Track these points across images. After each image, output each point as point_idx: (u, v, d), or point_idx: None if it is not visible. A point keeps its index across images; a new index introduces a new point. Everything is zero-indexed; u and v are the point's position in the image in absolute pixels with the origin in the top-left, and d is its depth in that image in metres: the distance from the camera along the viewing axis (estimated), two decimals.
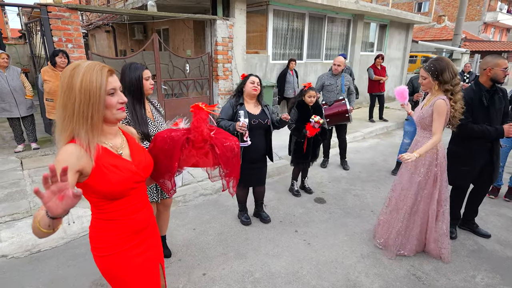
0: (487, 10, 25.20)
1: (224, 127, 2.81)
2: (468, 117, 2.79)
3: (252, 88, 2.90)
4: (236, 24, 6.38)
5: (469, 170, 2.96)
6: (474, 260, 2.85)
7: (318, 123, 3.50)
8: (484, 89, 2.81)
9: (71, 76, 1.11)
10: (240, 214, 3.39)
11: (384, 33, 10.30)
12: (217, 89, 6.56)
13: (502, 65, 2.69)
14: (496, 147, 2.91)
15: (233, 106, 2.94)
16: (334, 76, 4.74)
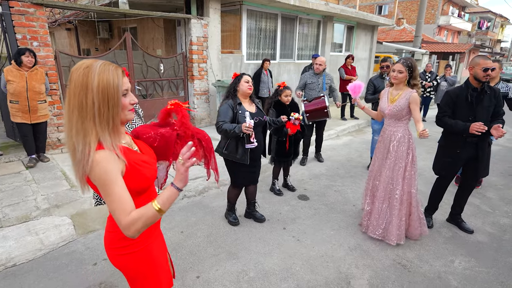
0: (441, 14, 27.00)
1: (228, 130, 2.75)
2: (446, 111, 3.04)
3: (248, 87, 2.89)
4: (210, 24, 6.32)
5: (452, 162, 3.15)
6: (451, 246, 3.05)
7: (298, 119, 3.59)
8: (471, 87, 2.96)
9: (85, 76, 1.08)
10: (228, 214, 3.36)
11: (352, 35, 10.69)
12: (193, 89, 6.46)
13: (481, 65, 2.84)
14: (482, 143, 3.01)
15: (232, 107, 2.86)
16: (316, 75, 4.91)
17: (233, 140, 2.93)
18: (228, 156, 2.99)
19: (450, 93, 3.05)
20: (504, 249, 3.03)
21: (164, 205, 1.13)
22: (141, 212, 1.10)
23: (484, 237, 3.22)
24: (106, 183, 1.08)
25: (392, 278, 2.59)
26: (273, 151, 3.91)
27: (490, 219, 3.59)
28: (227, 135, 2.83)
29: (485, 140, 3.00)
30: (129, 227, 1.09)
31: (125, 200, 1.10)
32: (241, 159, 2.94)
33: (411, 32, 21.51)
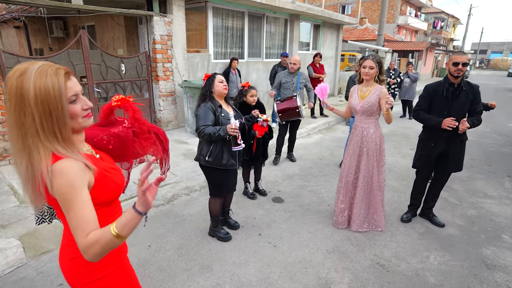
0: (400, 14, 28.24)
1: (212, 133, 2.54)
2: (421, 105, 3.10)
3: (223, 87, 2.70)
4: (174, 21, 6.03)
5: (426, 155, 3.20)
6: (425, 242, 3.07)
7: (266, 121, 3.44)
8: (448, 82, 2.98)
9: (19, 87, 0.91)
10: (216, 231, 3.05)
11: (318, 33, 10.79)
12: (158, 90, 6.14)
13: (452, 60, 2.90)
14: (454, 139, 3.03)
15: (213, 110, 2.63)
16: (291, 74, 4.83)
17: (218, 145, 2.69)
18: (212, 164, 2.72)
19: (428, 88, 3.12)
20: (474, 241, 3.10)
21: (123, 230, 0.97)
22: (98, 236, 0.96)
23: (454, 230, 3.28)
24: (69, 197, 0.95)
25: (371, 280, 2.53)
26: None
27: (458, 211, 3.68)
28: (211, 139, 2.60)
29: (457, 135, 3.02)
30: (86, 250, 0.95)
31: (87, 218, 0.97)
32: (227, 164, 2.74)
33: (373, 31, 22.28)
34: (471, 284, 2.50)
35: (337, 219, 3.26)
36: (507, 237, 3.17)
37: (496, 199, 4.04)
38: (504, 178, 4.72)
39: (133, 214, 0.99)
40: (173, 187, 3.99)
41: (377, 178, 3.05)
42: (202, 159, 2.74)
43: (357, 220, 3.12)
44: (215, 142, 2.67)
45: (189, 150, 5.27)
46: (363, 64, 2.92)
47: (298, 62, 4.82)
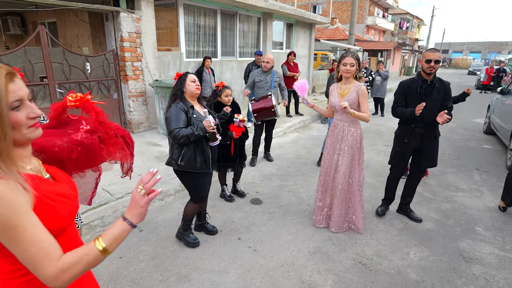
0: (368, 14, 29.07)
1: (190, 134, 2.38)
2: (398, 101, 3.12)
3: (195, 87, 2.53)
4: (143, 18, 5.76)
5: (400, 151, 3.23)
6: (404, 238, 3.08)
7: (243, 121, 3.37)
8: (421, 78, 3.02)
9: None
10: (184, 235, 2.88)
11: (291, 32, 10.81)
12: (127, 90, 5.84)
13: (425, 57, 2.93)
14: (428, 134, 3.07)
15: (185, 110, 2.47)
16: (264, 73, 4.74)
17: (190, 148, 2.52)
18: (185, 168, 2.55)
19: (403, 84, 3.15)
20: (450, 235, 3.15)
21: (111, 245, 0.89)
22: (78, 256, 0.85)
23: (431, 225, 3.33)
24: (13, 224, 0.78)
25: (355, 280, 2.49)
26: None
27: (433, 206, 3.75)
28: (189, 140, 2.43)
29: (430, 131, 3.07)
30: (59, 275, 0.81)
31: (48, 241, 0.82)
32: (201, 167, 2.57)
33: (344, 30, 22.76)
34: (451, 279, 2.52)
35: (316, 218, 3.21)
36: (480, 229, 3.25)
37: (467, 192, 4.16)
38: (472, 171, 4.90)
39: (124, 226, 0.93)
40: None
41: (357, 178, 3.01)
42: (174, 163, 2.57)
43: (337, 222, 3.07)
44: (187, 145, 2.51)
45: (162, 153, 5.05)
46: (343, 62, 2.86)
47: (272, 61, 4.74)
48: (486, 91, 16.67)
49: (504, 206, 3.60)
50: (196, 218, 3.09)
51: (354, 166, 2.98)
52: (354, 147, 2.95)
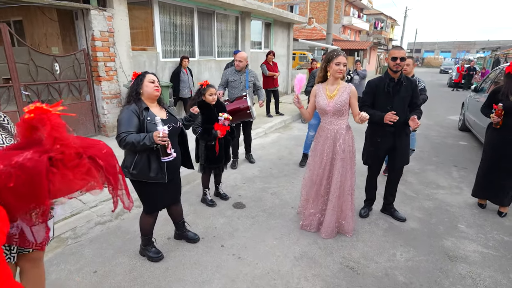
0: (344, 14, 29.56)
1: (135, 142, 2.13)
2: (365, 100, 3.08)
3: (154, 88, 2.31)
4: (116, 16, 5.50)
5: (374, 151, 3.21)
6: (390, 238, 3.05)
7: (228, 120, 3.28)
8: (388, 77, 3.01)
9: None
10: (146, 249, 2.66)
11: (270, 32, 10.74)
12: (100, 92, 5.56)
13: (391, 55, 2.94)
14: (400, 133, 3.08)
15: (137, 114, 2.25)
16: (238, 72, 4.57)
17: (143, 155, 2.30)
18: (138, 177, 2.33)
19: (371, 83, 3.12)
20: (435, 233, 3.15)
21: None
22: None
23: (415, 224, 3.32)
24: None
25: (343, 285, 2.41)
26: (202, 158, 3.46)
27: (416, 204, 3.76)
28: (135, 148, 2.19)
29: (402, 129, 3.08)
30: None
31: None
32: (156, 177, 2.34)
33: (321, 30, 23.02)
34: (438, 279, 2.50)
35: (305, 222, 3.09)
36: (463, 227, 3.27)
37: (447, 189, 4.22)
38: (451, 168, 4.99)
39: None
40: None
41: (349, 182, 2.91)
42: (126, 171, 2.33)
43: (329, 228, 2.96)
44: (139, 153, 2.28)
45: None
46: (335, 61, 2.68)
47: (245, 59, 4.54)
48: (458, 89, 17.30)
49: (483, 203, 3.66)
50: (175, 228, 2.91)
51: (346, 171, 2.87)
52: (346, 150, 2.83)
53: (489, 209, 3.61)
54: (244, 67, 4.57)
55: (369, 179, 3.45)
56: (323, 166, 2.89)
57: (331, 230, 2.97)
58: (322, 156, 2.89)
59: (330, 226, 2.95)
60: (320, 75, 2.88)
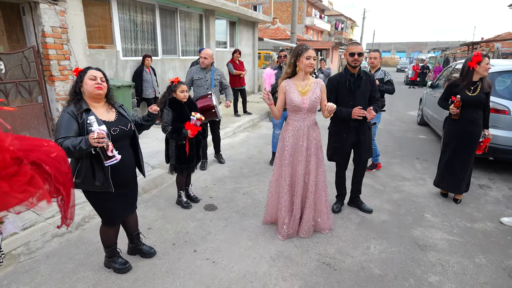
0: (306, 15, 30.20)
1: (71, 147, 1.85)
2: (329, 98, 3.00)
3: (95, 86, 2.03)
4: (69, 11, 5.11)
5: (340, 147, 3.24)
6: (363, 232, 3.08)
7: (200, 120, 3.15)
8: (348, 73, 3.06)
9: None
10: (111, 261, 2.44)
11: (234, 30, 10.64)
12: (54, 93, 5.13)
13: (348, 51, 3.03)
14: (363, 127, 3.15)
15: (75, 116, 1.99)
16: (203, 70, 4.41)
17: (86, 161, 2.04)
18: (84, 187, 2.08)
19: (332, 80, 3.15)
20: (404, 224, 3.24)
21: None
22: None
23: (385, 216, 3.40)
24: None
25: (321, 282, 2.38)
26: (173, 158, 3.29)
27: (385, 197, 3.86)
28: (73, 155, 1.91)
29: (365, 124, 3.14)
30: None
31: None
32: (103, 186, 2.07)
33: (285, 30, 23.30)
34: (411, 269, 2.55)
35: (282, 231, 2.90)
36: (429, 216, 3.40)
37: (412, 180, 4.38)
38: (414, 161, 5.21)
39: None
40: (82, 207, 3.29)
41: (322, 178, 2.90)
42: None
43: (306, 227, 2.91)
44: (82, 158, 2.04)
45: None
46: (306, 55, 2.59)
47: (210, 56, 4.39)
48: (414, 86, 18.33)
49: (445, 193, 3.84)
50: (129, 241, 2.62)
51: (319, 166, 2.86)
52: (317, 146, 2.82)
53: (451, 198, 3.79)
54: (209, 65, 4.43)
55: (338, 174, 3.48)
56: (300, 165, 2.79)
57: (309, 228, 2.92)
58: (296, 155, 2.80)
59: (308, 225, 2.90)
60: (288, 70, 2.75)
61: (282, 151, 2.86)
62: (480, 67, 3.27)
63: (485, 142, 3.48)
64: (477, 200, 3.79)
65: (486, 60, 3.26)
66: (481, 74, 3.31)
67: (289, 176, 2.84)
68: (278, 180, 2.93)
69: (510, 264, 2.64)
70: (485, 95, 3.36)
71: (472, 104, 3.34)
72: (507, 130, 4.32)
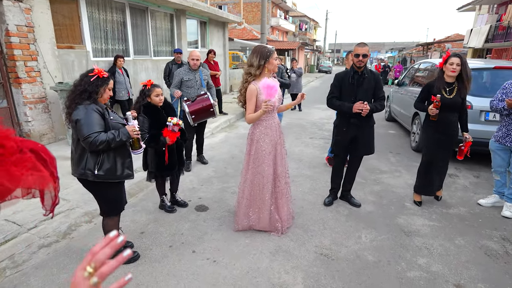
0: (271, 16, 30.57)
1: (110, 140, 2.07)
2: (333, 92, 3.25)
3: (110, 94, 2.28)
4: (35, 9, 4.81)
5: (341, 140, 3.39)
6: (352, 223, 3.24)
7: (178, 125, 2.95)
8: (352, 71, 3.20)
9: None
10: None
11: (205, 30, 10.56)
12: (21, 96, 4.81)
13: (355, 51, 3.14)
14: (363, 124, 3.24)
15: (101, 112, 2.13)
16: (192, 71, 4.39)
17: (109, 153, 2.22)
18: (105, 178, 2.22)
19: (338, 76, 3.31)
20: (388, 213, 3.44)
21: None
22: None
23: (371, 207, 3.59)
24: None
25: (322, 272, 2.48)
26: (152, 165, 3.19)
27: (367, 189, 4.07)
28: (109, 146, 2.12)
29: (366, 121, 3.27)
30: None
31: None
32: (122, 175, 2.31)
33: (251, 31, 23.45)
34: (401, 253, 2.73)
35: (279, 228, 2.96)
36: (409, 205, 3.64)
37: (389, 173, 4.65)
38: (388, 155, 5.52)
39: None
40: (67, 215, 3.14)
41: (284, 169, 2.97)
42: (89, 174, 2.17)
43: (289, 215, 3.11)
44: (104, 151, 2.19)
45: None
46: (274, 57, 2.68)
47: (200, 58, 4.45)
48: None
49: (420, 200, 3.64)
50: None
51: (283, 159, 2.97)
52: (283, 139, 2.99)
53: None
54: (199, 66, 4.44)
55: (335, 168, 3.59)
56: (278, 162, 2.89)
57: (289, 217, 3.10)
58: (272, 151, 2.83)
59: (289, 213, 3.10)
60: (257, 73, 2.70)
61: (258, 152, 2.81)
62: (445, 67, 3.20)
63: (466, 145, 3.34)
64: (448, 188, 4.11)
65: (451, 60, 3.13)
66: (447, 75, 3.21)
67: (272, 174, 2.85)
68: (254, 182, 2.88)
69: (485, 243, 2.92)
70: (460, 99, 3.23)
71: (448, 106, 3.21)
72: (470, 123, 4.72)
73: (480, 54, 17.79)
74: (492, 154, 3.54)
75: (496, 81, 5.13)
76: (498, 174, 3.54)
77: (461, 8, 19.44)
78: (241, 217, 2.99)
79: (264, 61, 2.68)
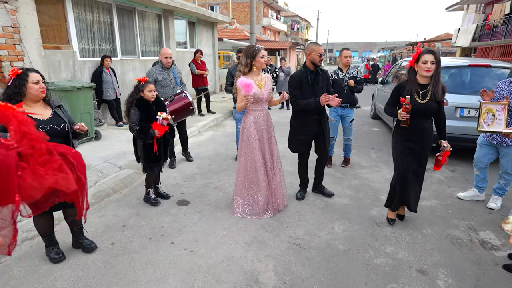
0: (263, 16, 30.74)
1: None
2: (297, 94, 3.34)
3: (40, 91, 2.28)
4: (21, 10, 4.87)
5: (304, 139, 3.50)
6: (327, 215, 3.38)
7: (167, 120, 3.24)
8: (308, 70, 3.35)
9: None
10: (48, 250, 2.57)
11: (194, 31, 10.65)
12: None
13: (317, 51, 3.28)
14: (323, 118, 3.46)
15: None
16: (166, 69, 4.46)
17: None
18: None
19: (295, 76, 3.40)
20: (363, 206, 3.59)
21: None
22: None
23: (347, 200, 3.73)
24: None
25: (293, 260, 2.61)
26: (141, 158, 3.35)
27: (345, 183, 4.22)
28: None
29: (324, 115, 3.49)
30: None
31: None
32: None
33: (242, 31, 23.56)
34: (371, 242, 2.88)
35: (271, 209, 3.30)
36: (384, 198, 3.77)
37: (368, 168, 4.81)
38: (369, 151, 5.68)
39: None
40: None
41: (272, 157, 3.30)
42: None
43: (282, 195, 3.41)
44: None
45: None
46: (260, 55, 2.99)
47: (171, 55, 4.49)
48: (366, 83, 19.52)
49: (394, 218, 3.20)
50: (72, 234, 2.71)
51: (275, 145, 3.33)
52: (272, 128, 3.28)
53: None
54: (171, 64, 4.51)
55: (301, 164, 3.73)
56: (266, 149, 3.19)
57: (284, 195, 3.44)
58: (261, 140, 3.16)
59: (281, 194, 3.38)
60: (245, 70, 3.05)
61: (248, 139, 3.15)
62: (417, 66, 2.70)
63: (444, 156, 2.93)
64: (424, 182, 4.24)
65: (423, 57, 2.62)
66: (420, 76, 2.71)
67: (261, 158, 3.17)
68: (247, 166, 3.19)
69: (451, 232, 3.08)
70: (436, 103, 2.75)
71: (421, 113, 2.75)
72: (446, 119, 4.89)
73: (467, 53, 18.15)
74: (477, 147, 3.62)
75: (472, 78, 5.33)
76: (478, 169, 3.67)
77: (449, 8, 19.79)
78: (237, 199, 3.33)
79: (251, 60, 3.00)
